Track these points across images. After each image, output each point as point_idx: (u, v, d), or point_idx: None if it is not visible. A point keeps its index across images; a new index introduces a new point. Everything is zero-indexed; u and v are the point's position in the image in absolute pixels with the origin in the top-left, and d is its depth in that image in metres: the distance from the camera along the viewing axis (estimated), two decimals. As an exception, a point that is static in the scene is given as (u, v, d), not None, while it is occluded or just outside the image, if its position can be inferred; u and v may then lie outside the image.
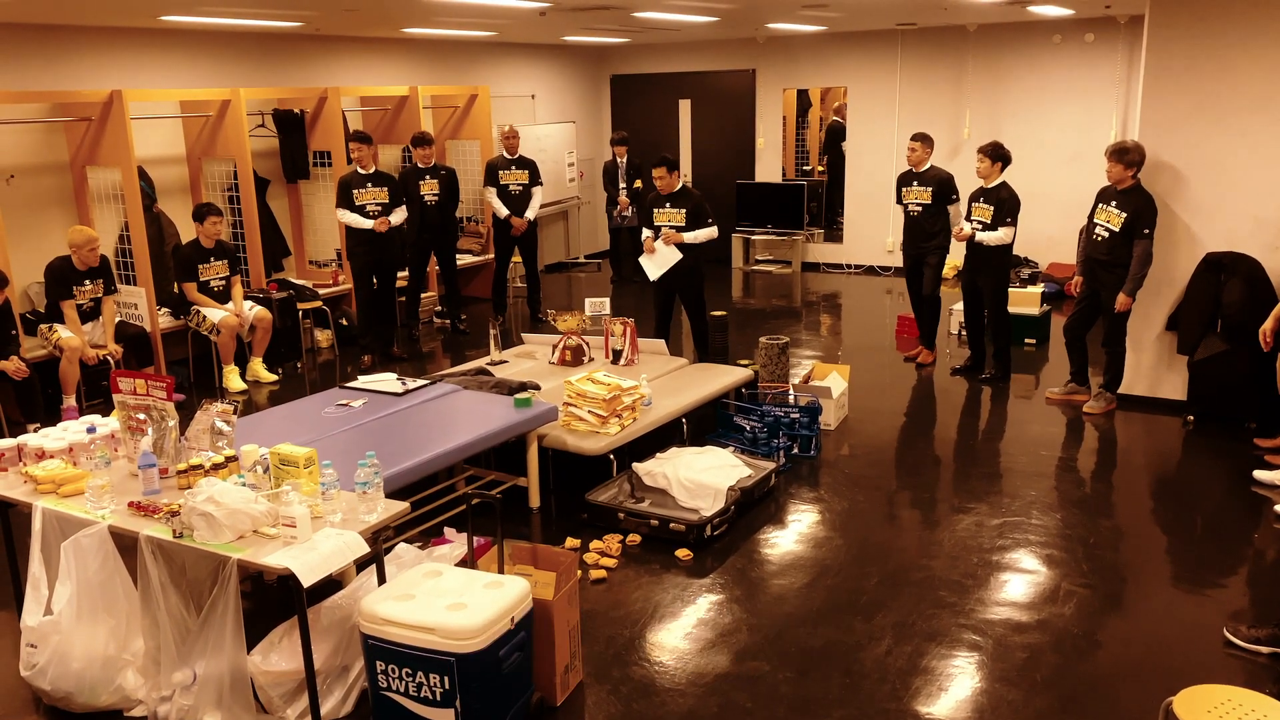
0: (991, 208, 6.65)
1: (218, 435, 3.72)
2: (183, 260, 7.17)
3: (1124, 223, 5.94)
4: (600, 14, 7.91)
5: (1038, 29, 10.14)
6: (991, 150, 6.66)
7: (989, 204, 6.68)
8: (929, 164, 7.22)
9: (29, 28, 6.97)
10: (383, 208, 7.53)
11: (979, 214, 6.74)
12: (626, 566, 4.37)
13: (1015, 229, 6.65)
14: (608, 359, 6.20)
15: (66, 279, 6.54)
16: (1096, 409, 6.30)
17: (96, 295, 6.69)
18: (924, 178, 7.19)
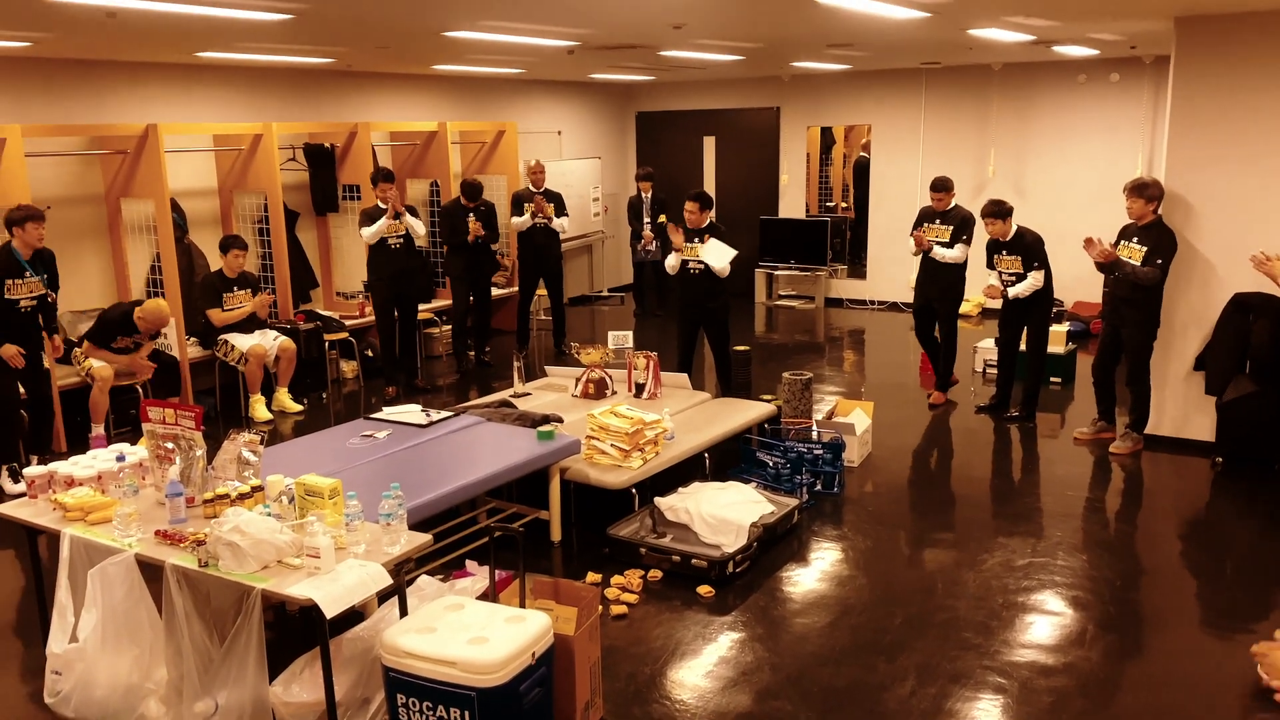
0: (1018, 256, 6.66)
1: (244, 465, 3.75)
2: (207, 288, 7.28)
3: (1144, 257, 5.94)
4: (627, 53, 8.01)
5: (1062, 68, 10.17)
6: (996, 209, 6.67)
7: (1014, 254, 6.70)
8: (953, 203, 7.26)
9: (69, 63, 7.14)
10: (403, 239, 7.59)
11: (1006, 265, 6.74)
12: (648, 602, 4.35)
13: (1046, 269, 6.63)
14: (630, 392, 6.21)
15: (114, 331, 6.74)
16: (1123, 449, 6.24)
17: (140, 343, 6.85)
18: (947, 216, 7.21)
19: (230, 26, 5.60)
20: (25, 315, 5.92)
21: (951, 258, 7.11)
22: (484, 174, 10.31)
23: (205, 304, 7.27)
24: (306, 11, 5.15)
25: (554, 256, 9.09)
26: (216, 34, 5.97)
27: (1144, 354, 6.11)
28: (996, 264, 6.82)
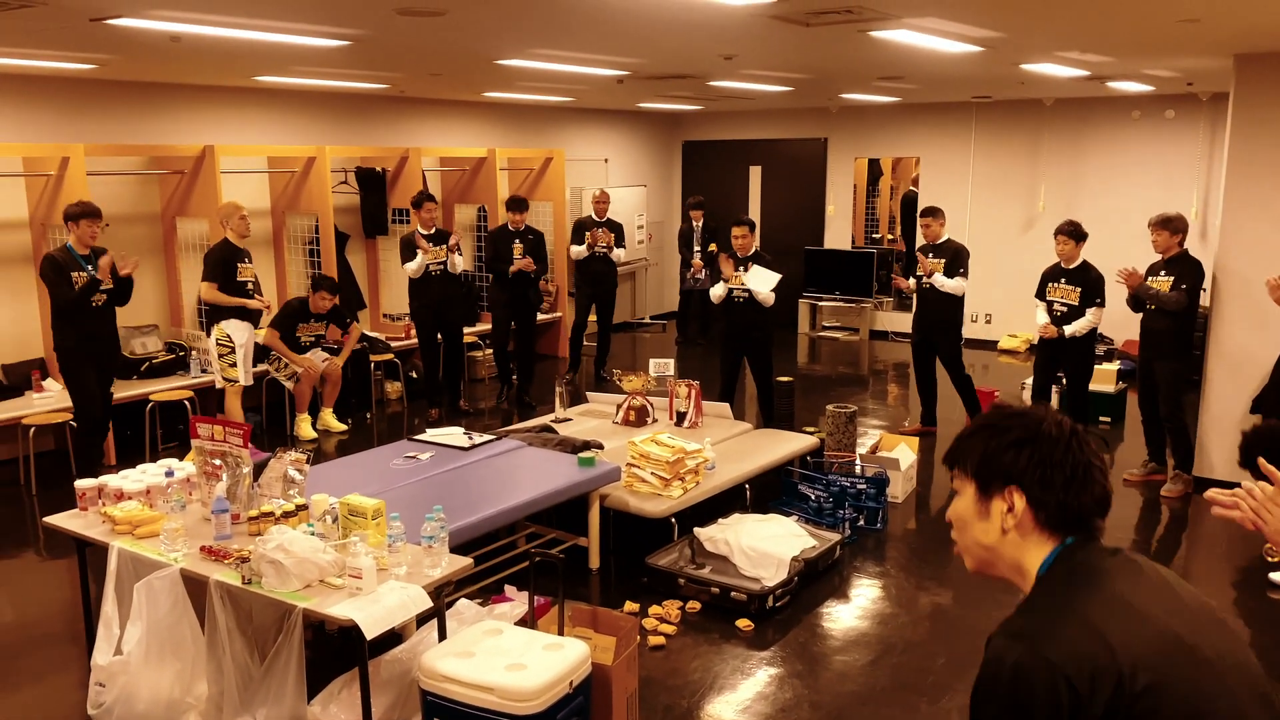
0: (1078, 289, 6.39)
1: (290, 483, 3.79)
2: (286, 313, 7.34)
3: (1171, 285, 5.90)
4: (676, 82, 8.05)
5: (1116, 104, 10.06)
6: (1073, 229, 6.44)
7: (1074, 284, 6.42)
8: (945, 235, 7.18)
9: (131, 85, 7.33)
10: (443, 265, 7.59)
11: (1062, 295, 6.46)
12: (686, 634, 4.31)
13: (1101, 309, 6.41)
14: (671, 420, 6.19)
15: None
16: (1174, 492, 6.10)
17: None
18: (940, 249, 7.12)
19: (289, 52, 5.72)
20: (99, 312, 5.96)
21: (952, 287, 6.96)
22: (531, 200, 10.39)
23: (280, 328, 7.28)
24: (364, 38, 5.25)
25: (610, 285, 9.11)
26: (275, 58, 6.10)
27: (1176, 387, 5.99)
28: (1050, 293, 6.53)
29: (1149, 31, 5.34)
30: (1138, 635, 1.35)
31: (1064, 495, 1.47)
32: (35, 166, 6.69)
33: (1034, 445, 1.48)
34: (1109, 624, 1.35)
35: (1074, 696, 1.30)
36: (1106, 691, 1.30)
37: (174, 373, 7.25)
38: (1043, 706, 1.30)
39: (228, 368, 6.71)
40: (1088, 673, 1.31)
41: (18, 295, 6.84)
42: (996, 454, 1.50)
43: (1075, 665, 1.31)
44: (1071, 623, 1.36)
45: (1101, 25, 5.11)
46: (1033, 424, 1.49)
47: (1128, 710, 1.30)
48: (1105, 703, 1.30)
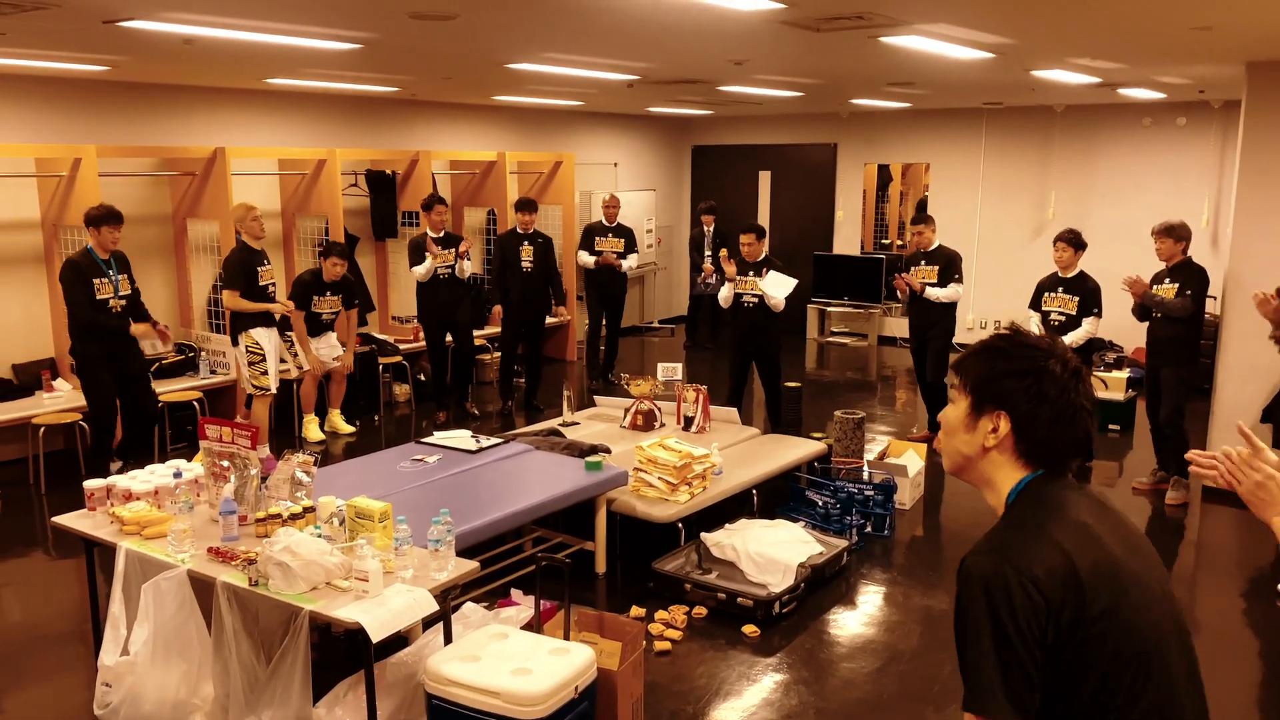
0: (1076, 298, 6.35)
1: (297, 485, 3.79)
2: (300, 287, 7.17)
3: (1176, 292, 5.89)
4: (687, 87, 8.06)
5: (1127, 111, 10.03)
6: (1073, 237, 6.41)
7: (1071, 294, 6.38)
8: (937, 242, 7.14)
9: (143, 86, 7.36)
10: (451, 268, 7.58)
11: (1059, 304, 6.42)
12: (691, 639, 4.30)
13: (1099, 320, 6.38)
14: (679, 425, 6.19)
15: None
16: (1177, 499, 6.07)
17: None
18: (933, 256, 7.09)
19: (301, 54, 5.74)
20: (118, 318, 6.00)
21: (946, 297, 6.95)
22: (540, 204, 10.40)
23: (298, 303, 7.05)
24: (376, 42, 5.27)
25: (619, 291, 9.04)
26: (286, 61, 6.12)
27: (1178, 393, 5.97)
28: (1046, 303, 6.47)
29: (1161, 38, 5.32)
30: (1095, 559, 1.46)
31: (1048, 432, 1.56)
32: (47, 167, 6.72)
33: (1033, 378, 1.56)
34: (1073, 544, 1.46)
35: (1045, 601, 1.40)
36: (1071, 603, 1.41)
37: (183, 374, 7.27)
38: (1017, 610, 1.40)
39: (259, 375, 6.66)
40: (1057, 582, 1.42)
41: (28, 295, 6.87)
42: (996, 378, 1.59)
43: (1045, 574, 1.42)
44: (1040, 539, 1.47)
45: (1113, 32, 5.09)
46: (1039, 357, 1.57)
47: (1085, 631, 1.42)
48: (1071, 614, 1.41)
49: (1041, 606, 1.42)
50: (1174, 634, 1.53)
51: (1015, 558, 1.45)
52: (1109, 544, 1.51)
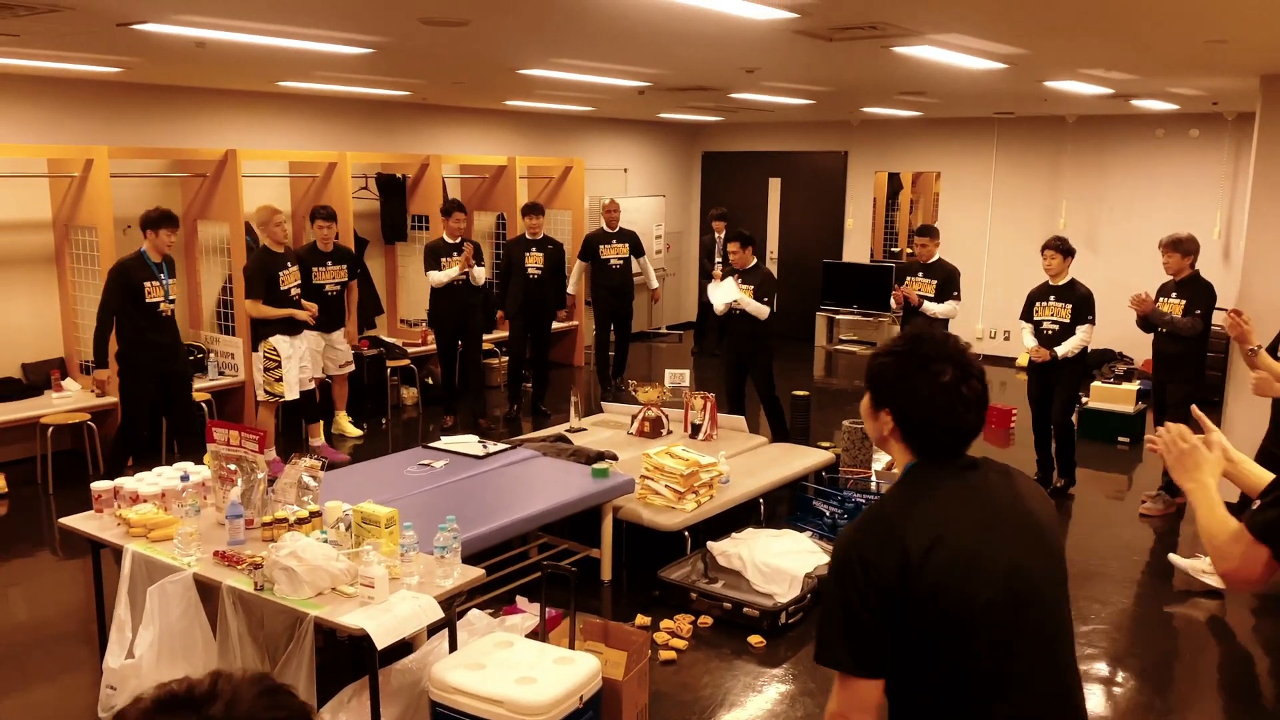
0: (1068, 305, 6.16)
1: (304, 490, 3.79)
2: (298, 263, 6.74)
3: (1184, 309, 5.85)
4: (697, 94, 8.05)
5: (1139, 122, 10.00)
6: (1061, 244, 6.25)
7: (1063, 301, 6.18)
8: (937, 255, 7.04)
9: (155, 88, 7.38)
10: (465, 275, 7.48)
11: (1050, 313, 6.23)
12: (697, 649, 4.29)
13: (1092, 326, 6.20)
14: (686, 433, 6.18)
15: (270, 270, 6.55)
16: (1154, 510, 6.04)
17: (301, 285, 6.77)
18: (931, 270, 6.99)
19: (313, 58, 5.75)
20: (167, 321, 5.99)
21: (943, 313, 6.80)
22: (550, 209, 10.41)
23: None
24: (388, 46, 5.27)
25: (627, 299, 8.90)
26: (298, 64, 6.13)
27: (1186, 410, 5.92)
28: (1038, 313, 6.28)
29: (1175, 51, 5.30)
30: (934, 543, 1.66)
31: (924, 427, 1.76)
32: (60, 168, 6.75)
33: (910, 382, 1.76)
34: (915, 529, 1.68)
35: (880, 579, 1.66)
36: (903, 583, 1.65)
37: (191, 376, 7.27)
38: (857, 584, 1.68)
39: (274, 382, 6.56)
40: (891, 564, 1.66)
41: (39, 295, 6.89)
42: (880, 380, 1.81)
43: (876, 557, 1.67)
44: (885, 525, 1.72)
45: (1127, 44, 5.08)
46: (923, 360, 1.76)
47: (920, 605, 1.65)
48: (902, 592, 1.65)
49: (878, 584, 1.66)
50: (1029, 612, 1.71)
51: (861, 540, 1.71)
52: (963, 529, 1.70)
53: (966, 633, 1.67)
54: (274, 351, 6.54)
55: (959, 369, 1.74)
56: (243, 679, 1.02)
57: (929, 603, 1.65)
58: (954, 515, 1.72)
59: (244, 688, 1.01)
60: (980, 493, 1.77)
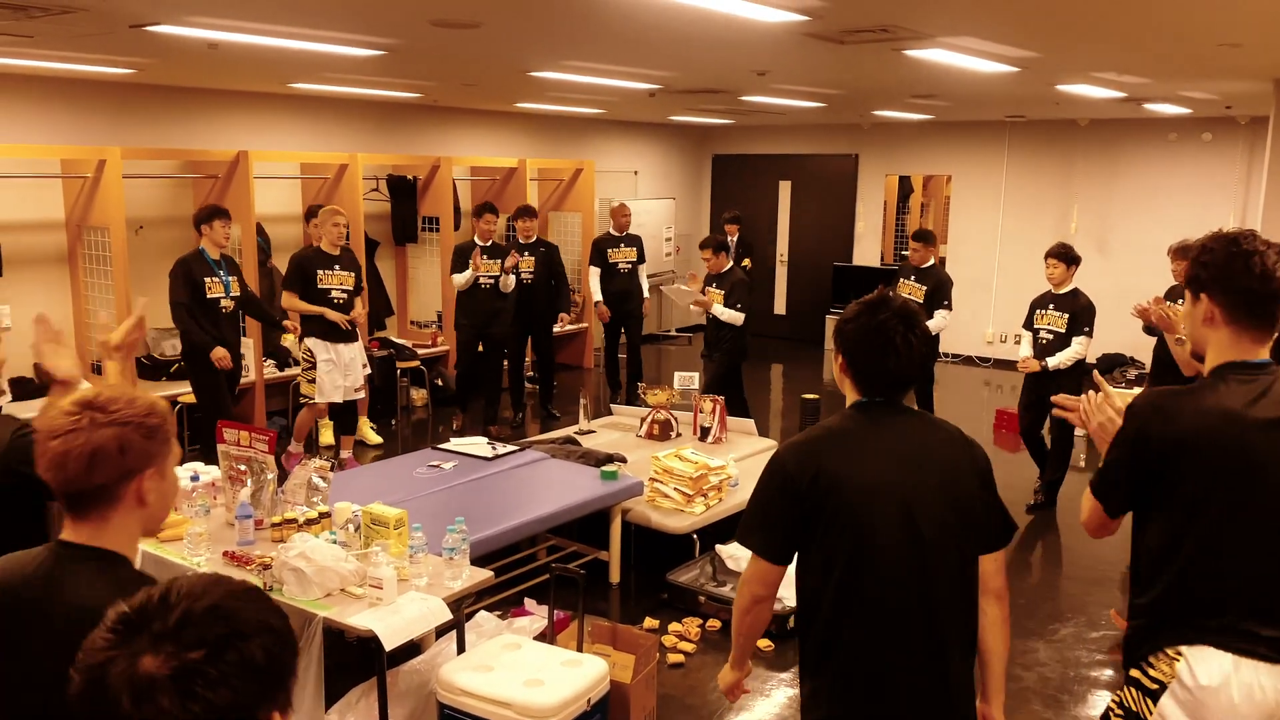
0: (1066, 315, 6.01)
1: (313, 490, 3.79)
2: (295, 266, 6.42)
3: None
4: (708, 96, 8.05)
5: (1152, 126, 9.96)
6: (1064, 251, 6.11)
7: (1061, 311, 6.04)
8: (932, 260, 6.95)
9: (167, 89, 7.41)
10: (495, 279, 7.32)
11: (1048, 322, 6.10)
12: (705, 652, 4.28)
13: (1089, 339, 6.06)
14: (695, 435, 6.16)
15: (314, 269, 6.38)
16: None
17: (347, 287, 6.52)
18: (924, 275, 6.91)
19: (325, 60, 5.77)
20: (228, 317, 5.99)
21: (933, 326, 6.65)
22: (560, 211, 10.42)
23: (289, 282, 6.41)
24: (399, 48, 5.28)
25: (635, 302, 8.68)
26: (310, 66, 6.15)
27: None
28: (1037, 320, 6.14)
29: (1189, 55, 5.28)
30: (840, 467, 2.04)
31: (863, 370, 2.12)
32: (72, 168, 6.78)
33: (855, 329, 2.10)
34: (830, 452, 2.07)
35: (793, 488, 2.05)
36: (812, 494, 2.02)
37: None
38: (777, 486, 2.10)
39: (306, 384, 6.49)
40: (805, 478, 2.04)
41: (52, 295, 6.92)
42: (839, 328, 2.15)
43: (797, 470, 2.06)
44: (810, 445, 2.11)
45: (1140, 48, 5.06)
46: (862, 312, 2.11)
47: (820, 514, 2.02)
48: (812, 502, 2.03)
49: (791, 489, 2.05)
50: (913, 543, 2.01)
51: (790, 453, 2.11)
52: (869, 462, 2.06)
53: (858, 551, 2.01)
54: (309, 353, 6.42)
55: (900, 321, 2.06)
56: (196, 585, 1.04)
57: (831, 517, 2.01)
58: (870, 449, 2.08)
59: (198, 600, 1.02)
60: (900, 435, 2.10)
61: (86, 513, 1.53)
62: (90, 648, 1.00)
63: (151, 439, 1.52)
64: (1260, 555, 2.08)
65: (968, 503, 2.07)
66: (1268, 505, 2.07)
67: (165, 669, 0.96)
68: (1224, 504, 2.08)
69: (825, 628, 2.05)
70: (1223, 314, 2.13)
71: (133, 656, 0.97)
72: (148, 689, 0.95)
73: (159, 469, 1.57)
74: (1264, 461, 2.06)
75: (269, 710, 1.04)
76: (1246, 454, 2.06)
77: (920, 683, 2.02)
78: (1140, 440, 2.15)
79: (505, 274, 7.29)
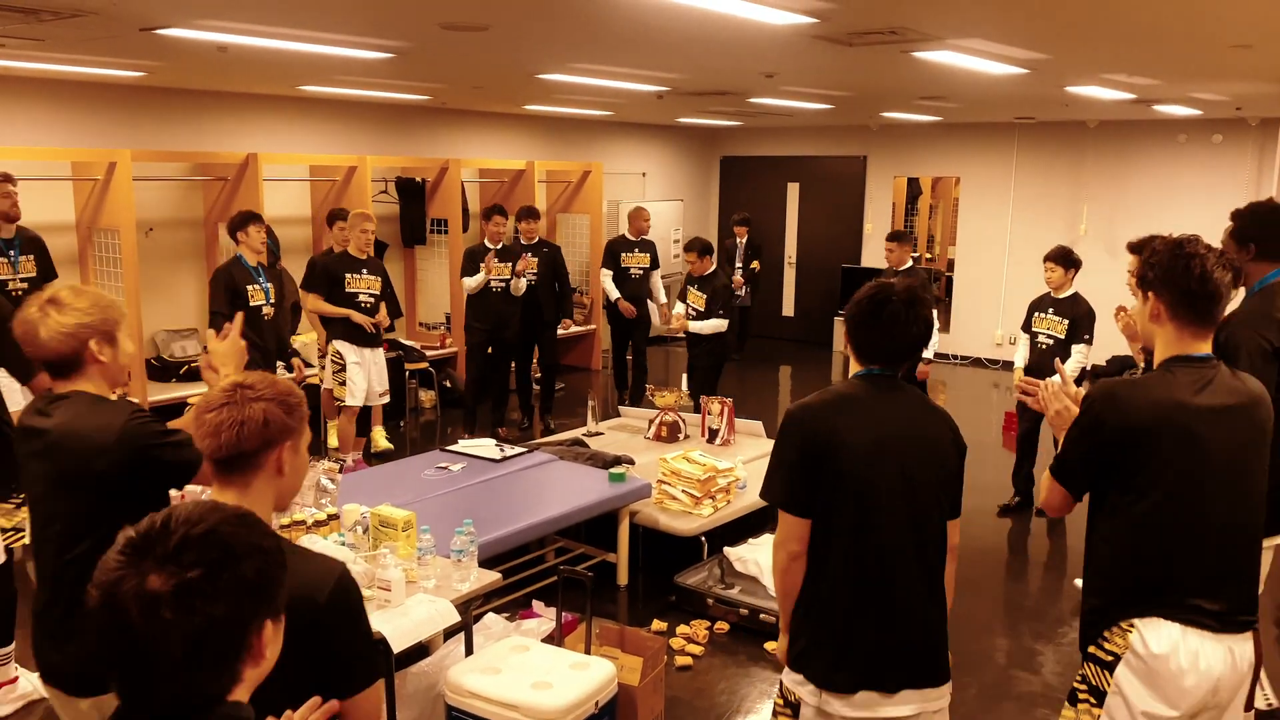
0: (1065, 321, 5.91)
1: (322, 492, 3.80)
2: (319, 270, 6.39)
3: None
4: (716, 98, 8.05)
5: (1162, 127, 9.93)
6: (1063, 254, 6.01)
7: (1061, 315, 5.94)
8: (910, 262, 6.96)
9: (177, 92, 7.44)
10: (506, 283, 7.25)
11: (1047, 326, 6.00)
12: (713, 655, 4.27)
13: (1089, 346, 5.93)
14: (704, 437, 6.16)
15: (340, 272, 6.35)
16: None
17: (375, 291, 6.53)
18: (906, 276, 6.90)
19: (334, 62, 5.78)
20: (269, 324, 5.97)
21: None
22: (568, 213, 10.43)
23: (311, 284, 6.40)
24: (408, 51, 5.29)
25: (645, 307, 8.46)
26: (319, 69, 6.16)
27: None
28: (1036, 324, 6.04)
29: (1199, 56, 5.26)
30: (847, 429, 2.28)
31: (864, 345, 2.36)
32: (83, 171, 6.81)
33: (860, 308, 2.34)
34: (838, 415, 2.31)
35: (809, 443, 2.28)
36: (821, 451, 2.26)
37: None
38: (793, 441, 2.31)
39: (338, 386, 6.42)
40: (821, 436, 2.28)
41: (62, 297, 6.95)
42: (848, 308, 2.40)
43: (810, 428, 2.30)
44: (822, 408, 2.33)
45: (1151, 49, 5.04)
46: (877, 294, 2.32)
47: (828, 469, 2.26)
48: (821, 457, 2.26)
49: (807, 445, 2.28)
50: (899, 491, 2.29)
51: (802, 413, 2.33)
52: (872, 425, 2.30)
53: (861, 501, 2.26)
54: (338, 355, 6.36)
55: (903, 303, 2.28)
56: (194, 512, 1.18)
57: (839, 473, 2.25)
58: (873, 414, 2.32)
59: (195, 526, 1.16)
60: (897, 404, 2.36)
61: (233, 477, 1.75)
62: (105, 568, 1.14)
63: (290, 415, 1.76)
64: (1204, 534, 2.28)
65: (947, 472, 2.39)
66: (1210, 488, 2.27)
67: (168, 586, 1.11)
68: (1171, 487, 2.28)
69: (828, 569, 2.29)
70: (1167, 311, 2.32)
71: (140, 575, 1.12)
72: (153, 603, 1.10)
73: (294, 444, 1.79)
74: (1207, 447, 2.26)
75: (261, 620, 1.20)
76: (1192, 440, 2.26)
77: (915, 615, 2.33)
78: (1095, 428, 2.34)
79: (516, 277, 7.24)
